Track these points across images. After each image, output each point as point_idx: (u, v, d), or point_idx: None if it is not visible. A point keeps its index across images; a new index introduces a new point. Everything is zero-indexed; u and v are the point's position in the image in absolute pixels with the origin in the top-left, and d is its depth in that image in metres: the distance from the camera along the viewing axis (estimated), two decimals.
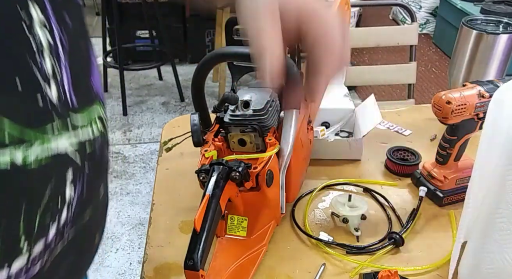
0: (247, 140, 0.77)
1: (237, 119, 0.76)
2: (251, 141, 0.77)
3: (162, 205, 0.89)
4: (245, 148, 0.78)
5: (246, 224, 0.74)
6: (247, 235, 0.75)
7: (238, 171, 0.67)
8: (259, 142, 0.77)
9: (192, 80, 0.84)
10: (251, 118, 0.75)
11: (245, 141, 0.77)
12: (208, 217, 0.63)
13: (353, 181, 0.95)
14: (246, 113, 0.76)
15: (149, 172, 2.45)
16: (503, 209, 0.60)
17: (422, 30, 4.00)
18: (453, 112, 0.79)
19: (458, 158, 0.88)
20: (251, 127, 0.75)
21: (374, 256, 0.77)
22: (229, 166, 0.67)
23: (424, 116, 1.19)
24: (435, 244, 0.80)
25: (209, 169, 0.68)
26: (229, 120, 0.77)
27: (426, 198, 0.89)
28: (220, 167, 0.67)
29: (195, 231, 0.62)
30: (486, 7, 3.14)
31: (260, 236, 0.76)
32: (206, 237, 0.62)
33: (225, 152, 0.78)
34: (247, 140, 0.77)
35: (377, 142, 1.09)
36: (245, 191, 0.72)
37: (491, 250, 0.63)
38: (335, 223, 0.85)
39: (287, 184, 0.79)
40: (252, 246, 0.75)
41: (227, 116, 0.77)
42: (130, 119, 2.92)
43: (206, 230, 0.62)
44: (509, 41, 1.11)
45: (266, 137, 0.75)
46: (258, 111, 0.75)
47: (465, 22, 1.16)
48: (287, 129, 0.76)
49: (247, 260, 0.73)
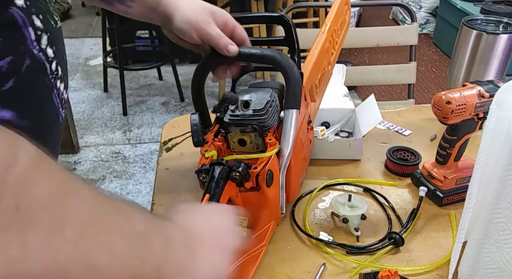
0: (247, 140, 0.77)
1: (237, 119, 0.76)
2: (251, 141, 0.77)
3: (162, 205, 0.89)
4: (245, 148, 0.77)
5: (246, 224, 0.74)
6: (247, 235, 0.75)
7: (238, 171, 0.67)
8: (259, 142, 0.77)
9: (192, 80, 0.84)
10: (251, 118, 0.75)
11: (245, 141, 0.77)
12: None
13: (353, 181, 0.95)
14: (246, 113, 0.76)
15: (149, 172, 2.44)
16: (503, 209, 0.60)
17: (422, 30, 4.00)
18: (453, 112, 0.79)
19: (458, 158, 0.88)
20: (251, 127, 0.75)
21: (374, 256, 0.76)
22: (229, 166, 0.67)
23: (424, 116, 1.19)
24: (435, 244, 0.80)
25: (209, 169, 0.68)
26: (229, 120, 0.77)
27: (426, 198, 0.89)
28: (221, 167, 0.67)
29: None
30: (486, 7, 3.14)
31: (260, 236, 0.76)
32: None
33: (225, 152, 0.78)
34: (247, 140, 0.77)
35: (377, 142, 1.09)
36: (245, 191, 0.71)
37: (491, 250, 0.63)
38: (335, 223, 0.85)
39: (287, 184, 0.79)
40: (252, 246, 0.74)
41: (227, 116, 0.77)
42: (130, 119, 2.92)
43: None
44: (509, 41, 1.11)
45: (266, 137, 0.75)
46: (258, 111, 0.75)
47: (465, 22, 1.16)
48: (287, 129, 0.76)
49: (247, 260, 0.73)
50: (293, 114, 0.76)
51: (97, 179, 2.39)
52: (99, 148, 2.65)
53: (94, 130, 2.81)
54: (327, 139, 1.02)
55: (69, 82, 3.32)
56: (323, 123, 1.10)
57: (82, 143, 2.67)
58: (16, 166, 0.31)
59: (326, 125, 1.10)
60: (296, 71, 0.78)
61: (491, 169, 0.60)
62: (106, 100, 3.14)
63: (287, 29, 0.86)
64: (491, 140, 0.61)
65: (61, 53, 0.62)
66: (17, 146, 0.33)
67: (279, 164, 0.75)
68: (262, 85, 0.84)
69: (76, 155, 2.57)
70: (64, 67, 0.63)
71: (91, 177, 2.40)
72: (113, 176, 2.42)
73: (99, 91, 3.24)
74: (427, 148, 1.05)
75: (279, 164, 0.75)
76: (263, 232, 0.76)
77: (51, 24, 0.59)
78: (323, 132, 1.06)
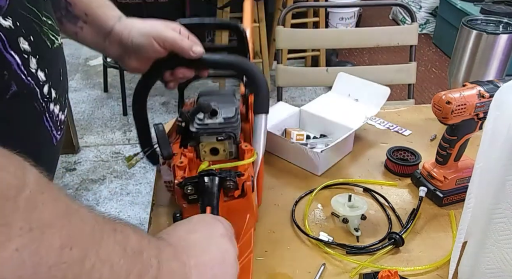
0: (220, 148, 0.76)
1: (208, 128, 0.75)
2: (224, 149, 0.77)
3: (162, 205, 0.89)
4: (217, 157, 0.77)
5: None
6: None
7: (233, 180, 0.66)
8: (232, 149, 0.77)
9: (135, 90, 0.79)
10: (223, 126, 0.75)
11: (217, 150, 0.77)
12: None
13: (353, 181, 0.95)
14: (216, 121, 0.75)
15: (149, 172, 2.44)
16: (503, 209, 0.60)
17: (422, 30, 4.00)
18: (453, 112, 0.79)
19: (458, 158, 0.88)
20: (226, 135, 0.75)
21: (374, 256, 0.77)
22: (221, 176, 0.66)
23: (424, 116, 1.20)
24: (435, 244, 0.80)
25: (196, 181, 0.66)
26: (199, 129, 0.75)
27: (426, 198, 0.89)
28: (213, 177, 0.66)
29: None
30: (486, 7, 3.14)
31: (247, 242, 0.74)
32: None
33: (195, 162, 0.77)
34: (220, 148, 0.76)
35: (377, 142, 1.09)
36: (230, 200, 0.70)
37: (491, 250, 0.63)
38: (335, 223, 0.85)
39: (258, 187, 0.79)
40: (240, 253, 0.73)
41: (195, 126, 0.76)
42: (130, 119, 2.92)
43: None
44: (509, 41, 1.11)
45: (240, 144, 0.75)
46: (229, 119, 0.75)
47: (465, 22, 1.16)
48: (258, 133, 0.76)
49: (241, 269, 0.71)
50: (263, 118, 0.77)
51: (97, 179, 2.38)
52: (99, 148, 2.65)
53: (94, 130, 2.81)
54: (290, 141, 1.00)
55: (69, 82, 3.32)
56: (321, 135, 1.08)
57: (82, 143, 2.67)
58: (25, 190, 0.33)
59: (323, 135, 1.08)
60: (263, 77, 0.78)
61: (491, 169, 0.60)
62: (106, 100, 3.14)
63: (239, 37, 0.84)
64: (491, 140, 0.61)
65: (56, 74, 0.59)
66: (25, 170, 0.35)
67: (253, 169, 0.75)
68: (216, 93, 0.84)
69: (76, 155, 2.57)
70: (60, 88, 0.60)
71: (91, 177, 2.40)
72: (113, 176, 2.42)
73: (99, 91, 3.24)
74: (427, 148, 1.05)
75: (253, 168, 0.75)
76: (247, 237, 0.74)
77: (45, 45, 0.56)
78: (301, 137, 1.03)
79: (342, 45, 1.86)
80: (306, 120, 1.11)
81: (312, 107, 1.11)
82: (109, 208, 2.20)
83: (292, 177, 0.97)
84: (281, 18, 1.64)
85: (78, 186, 2.34)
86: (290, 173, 0.98)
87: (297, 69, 1.83)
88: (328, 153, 0.95)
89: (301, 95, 3.14)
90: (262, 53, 2.96)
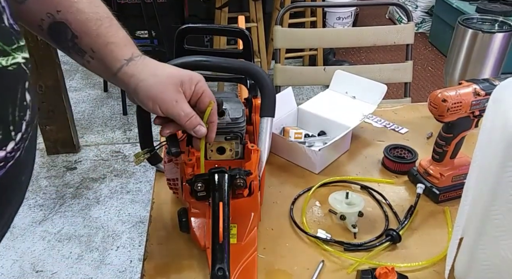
0: (227, 147, 0.78)
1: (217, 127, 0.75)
2: (231, 148, 0.78)
3: (162, 204, 0.90)
4: (223, 156, 0.79)
5: (235, 231, 0.74)
6: (238, 241, 0.75)
7: (242, 178, 0.68)
8: (238, 149, 0.78)
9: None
10: (231, 126, 0.77)
11: (224, 149, 0.78)
12: (226, 225, 0.64)
13: (350, 179, 0.96)
14: (224, 121, 0.77)
15: (149, 170, 2.44)
16: (499, 206, 0.61)
17: (418, 29, 4.01)
18: (449, 110, 0.80)
19: (454, 156, 0.88)
20: (234, 135, 0.76)
21: (371, 253, 0.77)
22: (232, 173, 0.68)
23: (421, 114, 1.20)
24: (431, 240, 0.81)
25: (207, 178, 0.68)
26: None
27: (423, 195, 0.89)
28: (225, 174, 0.67)
29: (217, 241, 0.63)
30: (482, 6, 3.15)
31: (251, 241, 0.75)
32: (228, 245, 0.63)
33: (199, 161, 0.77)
34: (227, 147, 0.78)
35: (374, 140, 1.10)
36: (238, 198, 0.71)
37: (487, 246, 0.64)
38: (333, 220, 0.86)
39: (261, 187, 0.80)
40: (245, 251, 0.74)
41: None
42: (130, 119, 2.92)
43: (227, 239, 0.63)
44: (504, 39, 1.12)
45: (247, 144, 0.77)
46: (237, 119, 0.77)
47: (461, 21, 1.17)
48: (264, 135, 0.79)
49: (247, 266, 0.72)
50: (269, 121, 0.79)
51: (97, 178, 2.39)
52: (100, 147, 2.66)
53: (94, 129, 2.82)
54: (288, 140, 1.01)
55: (70, 82, 3.30)
56: (320, 132, 1.09)
57: (82, 142, 2.67)
58: None
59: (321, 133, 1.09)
60: (271, 82, 0.80)
61: (487, 166, 0.61)
62: (106, 99, 3.14)
63: (245, 43, 0.87)
64: (488, 138, 0.61)
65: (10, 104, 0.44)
66: None
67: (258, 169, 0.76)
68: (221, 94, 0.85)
69: (76, 154, 2.58)
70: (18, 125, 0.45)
71: (91, 176, 2.41)
72: (114, 175, 2.42)
73: (99, 90, 3.24)
74: (423, 146, 1.06)
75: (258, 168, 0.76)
76: (252, 235, 0.76)
77: None
78: (299, 136, 1.05)
79: (339, 45, 1.87)
80: (304, 119, 1.12)
81: (310, 105, 1.12)
82: (110, 206, 2.21)
83: (290, 175, 0.98)
84: (279, 18, 1.65)
85: (78, 184, 2.35)
86: (288, 171, 0.99)
87: (295, 68, 1.84)
88: (326, 151, 0.96)
89: (299, 94, 3.15)
90: (260, 52, 2.97)
